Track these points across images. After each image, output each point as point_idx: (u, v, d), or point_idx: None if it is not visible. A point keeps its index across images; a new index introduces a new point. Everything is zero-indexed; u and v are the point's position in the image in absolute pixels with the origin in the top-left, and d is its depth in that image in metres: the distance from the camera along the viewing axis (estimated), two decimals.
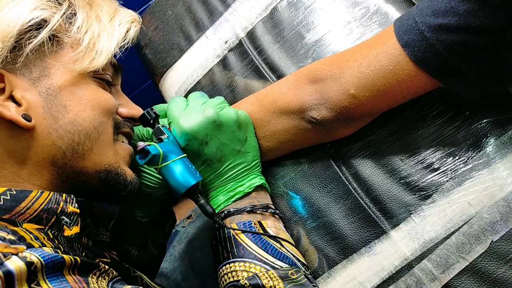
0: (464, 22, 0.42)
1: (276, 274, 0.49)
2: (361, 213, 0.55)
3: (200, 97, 0.59)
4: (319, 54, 0.63)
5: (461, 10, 0.42)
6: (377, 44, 0.49)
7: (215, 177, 0.57)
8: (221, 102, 0.58)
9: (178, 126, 0.54)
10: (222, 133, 0.55)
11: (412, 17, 0.46)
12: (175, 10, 0.82)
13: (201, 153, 0.55)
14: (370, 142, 0.56)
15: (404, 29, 0.46)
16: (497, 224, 0.47)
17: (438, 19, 0.43)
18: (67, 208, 0.46)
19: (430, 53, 0.45)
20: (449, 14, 0.43)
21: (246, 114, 0.58)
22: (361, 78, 0.49)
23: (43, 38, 0.46)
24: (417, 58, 0.46)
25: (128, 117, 0.55)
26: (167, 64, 0.80)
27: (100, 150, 0.48)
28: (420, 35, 0.45)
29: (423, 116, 0.53)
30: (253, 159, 0.58)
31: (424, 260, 0.50)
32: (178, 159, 0.52)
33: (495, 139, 0.50)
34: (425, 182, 0.52)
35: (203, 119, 0.54)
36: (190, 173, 0.52)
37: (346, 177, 0.57)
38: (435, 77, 0.46)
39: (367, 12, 0.62)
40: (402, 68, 0.47)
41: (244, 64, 0.70)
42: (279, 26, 0.69)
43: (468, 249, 0.48)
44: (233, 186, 0.57)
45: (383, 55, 0.48)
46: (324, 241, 0.56)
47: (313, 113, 0.53)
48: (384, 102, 0.50)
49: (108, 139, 0.50)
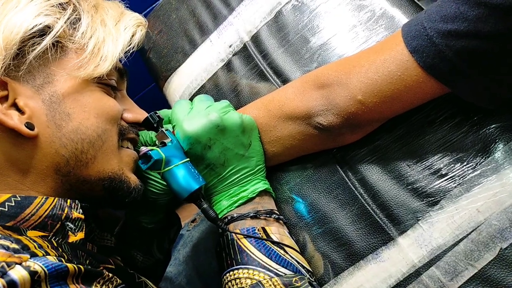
0: (474, 28, 0.41)
1: (280, 282, 0.49)
2: (368, 219, 0.54)
3: (205, 100, 0.58)
4: (325, 58, 0.63)
5: (471, 16, 0.41)
6: (384, 50, 0.48)
7: (218, 181, 0.57)
8: (226, 106, 0.57)
9: (182, 129, 0.54)
10: (225, 137, 0.55)
11: (421, 23, 0.46)
12: (179, 13, 0.82)
13: (204, 157, 0.55)
14: (376, 147, 0.56)
15: (413, 34, 0.46)
16: (506, 231, 0.47)
17: (448, 25, 0.43)
18: (71, 214, 0.45)
19: (439, 59, 0.44)
20: (459, 19, 0.42)
21: (250, 118, 0.57)
22: (368, 84, 0.48)
23: (47, 45, 0.45)
24: (425, 64, 0.45)
25: (133, 122, 0.54)
26: (171, 68, 0.80)
27: (104, 158, 0.48)
28: (429, 41, 0.44)
29: (430, 121, 0.53)
30: (257, 164, 0.58)
31: (432, 267, 0.49)
32: (181, 163, 0.52)
33: (504, 144, 0.49)
34: (433, 188, 0.51)
35: (207, 123, 0.53)
36: (193, 177, 0.52)
37: (353, 183, 0.56)
38: (444, 83, 0.46)
39: (373, 15, 0.61)
40: (411, 74, 0.46)
41: (249, 68, 0.70)
42: (284, 30, 0.68)
43: (477, 256, 0.47)
44: (237, 191, 0.56)
45: (391, 61, 0.47)
46: (330, 248, 0.55)
47: (320, 119, 0.52)
48: (391, 108, 0.50)
49: (112, 146, 0.49)
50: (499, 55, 0.43)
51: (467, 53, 0.43)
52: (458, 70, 0.44)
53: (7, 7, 0.45)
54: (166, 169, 0.51)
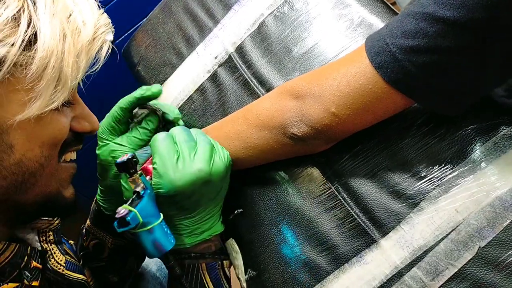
0: (434, 44, 0.43)
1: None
2: (351, 222, 0.55)
3: (188, 141, 0.54)
4: (307, 67, 0.64)
5: (431, 32, 0.43)
6: (354, 63, 0.50)
7: (184, 218, 0.57)
8: (210, 150, 0.54)
9: (169, 181, 0.51)
10: (207, 188, 0.54)
11: (383, 38, 0.47)
12: (166, 27, 0.84)
13: (179, 202, 0.54)
14: (358, 152, 0.57)
15: (376, 50, 0.47)
16: (484, 230, 0.48)
17: (409, 41, 0.45)
18: (31, 263, 0.45)
19: (403, 74, 0.46)
20: (419, 35, 0.44)
21: (230, 160, 0.57)
22: (341, 96, 0.50)
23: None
24: (391, 79, 0.47)
25: (81, 133, 0.50)
26: (160, 80, 0.81)
27: (44, 182, 0.45)
28: (392, 57, 0.46)
29: (408, 126, 0.54)
30: (221, 201, 0.60)
31: (414, 268, 0.50)
32: (156, 225, 0.50)
33: (480, 145, 0.50)
34: (413, 190, 0.52)
35: (196, 180, 0.52)
36: (166, 238, 0.52)
37: (336, 187, 0.57)
38: (410, 96, 0.47)
39: (351, 24, 0.63)
40: (381, 86, 0.48)
41: (234, 78, 0.72)
42: (267, 40, 0.70)
43: (457, 255, 0.48)
44: (198, 229, 0.58)
45: (361, 75, 0.49)
46: (315, 252, 0.56)
47: (294, 130, 0.54)
48: (365, 119, 0.51)
49: (52, 169, 0.46)
50: (462, 68, 0.44)
51: (429, 68, 0.44)
52: (422, 84, 0.46)
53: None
54: (139, 230, 0.50)
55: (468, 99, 0.48)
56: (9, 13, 0.37)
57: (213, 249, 0.60)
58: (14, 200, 0.44)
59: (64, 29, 0.40)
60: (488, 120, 0.51)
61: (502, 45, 0.42)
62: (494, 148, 0.50)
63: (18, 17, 0.38)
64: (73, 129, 0.48)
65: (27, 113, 0.39)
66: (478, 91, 0.47)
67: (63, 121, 0.45)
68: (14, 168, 0.42)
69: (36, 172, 0.44)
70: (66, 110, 0.47)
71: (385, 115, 0.51)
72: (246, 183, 0.64)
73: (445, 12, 0.42)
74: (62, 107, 0.45)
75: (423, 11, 0.44)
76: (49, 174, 0.46)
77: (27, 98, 0.39)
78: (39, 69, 0.39)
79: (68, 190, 0.50)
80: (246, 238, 0.63)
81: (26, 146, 0.42)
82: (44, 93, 0.40)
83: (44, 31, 0.39)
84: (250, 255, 0.62)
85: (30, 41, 0.38)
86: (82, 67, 0.42)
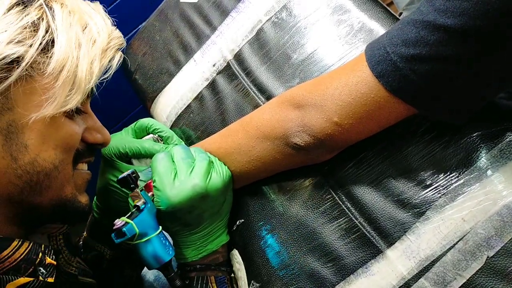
0: (436, 52, 0.42)
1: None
2: (356, 233, 0.54)
3: (186, 158, 0.56)
4: (306, 74, 0.63)
5: (432, 40, 0.42)
6: (355, 72, 0.49)
7: (189, 234, 0.57)
8: (207, 165, 0.56)
9: (166, 197, 0.53)
10: (206, 202, 0.56)
11: (383, 47, 0.46)
12: (163, 35, 0.83)
13: (181, 218, 0.55)
14: (361, 160, 0.56)
15: (376, 59, 0.47)
16: (492, 239, 0.47)
17: (410, 49, 0.44)
18: (45, 260, 0.46)
19: (405, 83, 0.45)
20: (420, 44, 0.43)
21: (229, 175, 0.58)
22: (343, 106, 0.49)
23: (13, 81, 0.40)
24: (392, 88, 0.46)
25: (93, 144, 0.52)
26: (157, 89, 0.80)
27: (59, 185, 0.47)
28: (393, 66, 0.45)
29: (412, 133, 0.53)
30: (226, 214, 0.60)
31: (421, 279, 0.49)
32: (154, 236, 0.52)
33: (486, 152, 0.50)
34: (418, 199, 0.51)
35: (192, 195, 0.53)
36: (164, 249, 0.53)
37: (340, 197, 0.56)
38: (412, 104, 0.47)
39: (351, 30, 0.62)
40: (382, 95, 0.47)
41: (233, 86, 0.71)
42: (265, 47, 0.69)
43: (465, 265, 0.47)
44: (204, 242, 0.58)
45: (362, 84, 0.48)
46: (320, 263, 0.55)
47: (296, 140, 0.53)
48: (368, 127, 0.51)
49: (67, 174, 0.48)
50: (463, 77, 0.43)
51: (431, 76, 0.44)
52: (424, 92, 0.45)
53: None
54: (137, 241, 0.51)
55: (471, 107, 0.47)
56: (29, 19, 0.41)
57: (221, 259, 0.60)
58: (29, 201, 0.46)
59: (79, 38, 0.44)
60: (493, 126, 0.50)
61: (503, 53, 0.42)
62: (500, 155, 0.49)
63: (37, 24, 0.42)
64: (85, 140, 0.50)
65: (43, 113, 0.42)
66: (480, 98, 0.47)
67: (75, 128, 0.48)
68: (28, 167, 0.44)
69: (51, 173, 0.45)
70: (79, 120, 0.49)
71: (388, 123, 0.50)
72: (247, 193, 0.63)
73: (446, 20, 0.41)
74: (74, 115, 0.48)
75: (423, 19, 0.43)
76: (64, 179, 0.47)
77: (43, 97, 0.42)
78: (55, 70, 0.42)
79: (84, 196, 0.51)
80: (248, 249, 0.62)
81: (40, 147, 0.44)
82: (60, 95, 0.43)
83: (61, 38, 0.43)
84: (253, 266, 0.61)
85: (47, 45, 0.42)
86: (96, 73, 0.45)
